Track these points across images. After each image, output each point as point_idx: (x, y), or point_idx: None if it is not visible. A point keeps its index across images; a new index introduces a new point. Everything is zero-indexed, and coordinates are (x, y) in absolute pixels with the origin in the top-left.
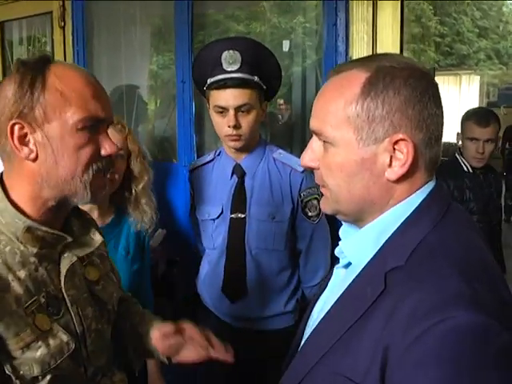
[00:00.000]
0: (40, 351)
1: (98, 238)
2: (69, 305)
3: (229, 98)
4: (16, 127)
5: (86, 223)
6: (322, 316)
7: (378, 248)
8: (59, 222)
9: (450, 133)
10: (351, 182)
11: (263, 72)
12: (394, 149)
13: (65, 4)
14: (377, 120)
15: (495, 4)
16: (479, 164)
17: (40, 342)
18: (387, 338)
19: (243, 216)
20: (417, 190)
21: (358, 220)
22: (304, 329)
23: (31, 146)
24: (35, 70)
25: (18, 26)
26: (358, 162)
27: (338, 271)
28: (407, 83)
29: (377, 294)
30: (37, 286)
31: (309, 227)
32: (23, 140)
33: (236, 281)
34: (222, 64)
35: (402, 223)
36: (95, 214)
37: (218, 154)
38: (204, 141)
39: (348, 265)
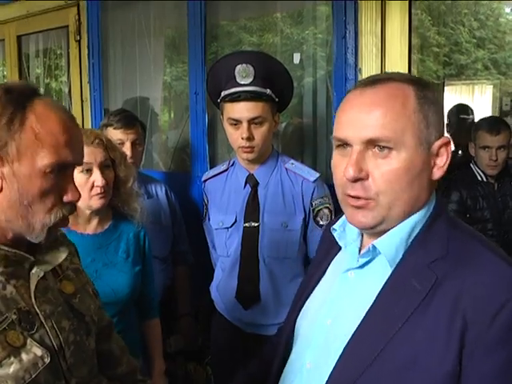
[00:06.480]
0: (13, 367)
1: (63, 250)
2: (42, 319)
3: (242, 110)
4: None
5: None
6: (338, 318)
7: (408, 246)
8: (22, 241)
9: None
10: (413, 185)
11: (275, 85)
12: (438, 151)
13: (80, 18)
14: (431, 126)
15: (492, 14)
16: (494, 171)
17: (12, 358)
18: (462, 319)
19: (256, 225)
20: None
21: (390, 227)
22: (292, 334)
23: None
24: (17, 104)
25: (35, 40)
26: (420, 165)
27: (344, 275)
28: (437, 95)
29: (430, 285)
30: (6, 303)
31: (320, 235)
32: None
33: (249, 288)
34: (235, 77)
35: (424, 223)
36: (95, 221)
37: (232, 165)
38: (217, 151)
39: (363, 266)
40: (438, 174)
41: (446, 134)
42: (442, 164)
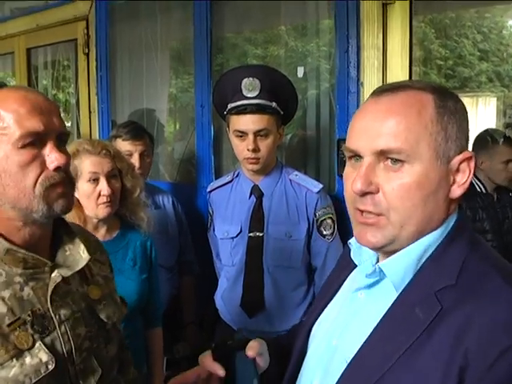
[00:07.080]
0: (13, 371)
1: (85, 256)
2: (56, 324)
3: (248, 123)
4: None
5: (75, 241)
6: (342, 340)
7: (418, 269)
8: (44, 242)
9: None
10: (427, 201)
11: (280, 98)
12: (458, 167)
13: (89, 32)
14: (451, 139)
15: (495, 27)
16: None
17: (14, 362)
18: (463, 357)
19: (261, 234)
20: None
21: (402, 247)
22: (304, 348)
23: None
24: None
25: (43, 52)
26: (436, 180)
27: (354, 295)
28: (463, 106)
29: (433, 314)
30: (22, 305)
31: (324, 245)
32: None
33: (254, 296)
34: (241, 90)
35: (439, 244)
36: (103, 230)
37: (237, 176)
38: (222, 163)
39: (371, 286)
40: (457, 191)
41: None
42: (462, 181)
